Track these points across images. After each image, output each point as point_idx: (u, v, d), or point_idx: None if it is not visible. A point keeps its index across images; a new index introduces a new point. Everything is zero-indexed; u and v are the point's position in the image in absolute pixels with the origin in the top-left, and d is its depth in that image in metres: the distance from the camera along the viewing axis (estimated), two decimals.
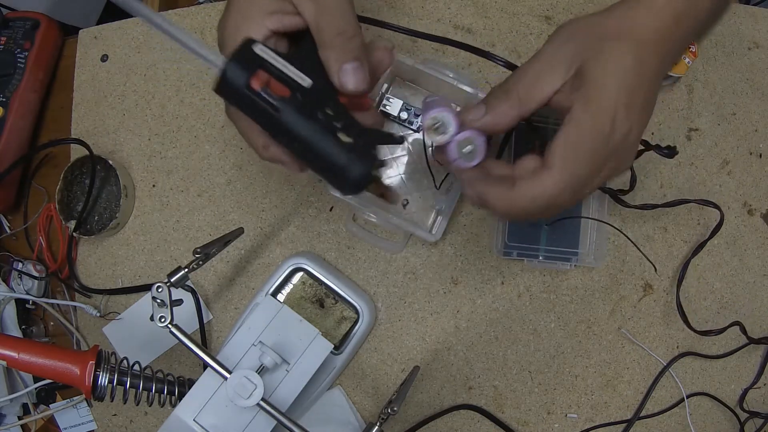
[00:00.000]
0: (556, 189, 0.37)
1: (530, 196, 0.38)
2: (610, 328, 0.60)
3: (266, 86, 0.34)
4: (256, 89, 0.34)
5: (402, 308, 0.60)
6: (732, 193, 0.61)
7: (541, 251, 0.56)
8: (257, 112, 0.35)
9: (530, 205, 0.38)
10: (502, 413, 0.60)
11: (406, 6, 0.63)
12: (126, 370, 0.49)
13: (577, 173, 0.37)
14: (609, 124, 0.37)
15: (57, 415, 0.63)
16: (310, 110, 0.35)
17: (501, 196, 0.39)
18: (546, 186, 0.37)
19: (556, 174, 0.37)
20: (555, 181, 0.37)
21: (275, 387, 0.49)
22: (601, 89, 0.37)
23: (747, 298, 0.61)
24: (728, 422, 0.61)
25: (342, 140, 0.35)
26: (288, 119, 0.35)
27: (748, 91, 0.62)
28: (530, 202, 0.38)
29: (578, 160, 0.37)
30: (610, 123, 0.37)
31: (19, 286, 0.62)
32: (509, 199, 0.38)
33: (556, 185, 0.37)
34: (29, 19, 0.65)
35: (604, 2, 0.62)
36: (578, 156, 0.37)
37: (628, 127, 0.37)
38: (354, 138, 0.36)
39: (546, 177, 0.37)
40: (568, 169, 0.37)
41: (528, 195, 0.38)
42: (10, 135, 0.62)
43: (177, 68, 0.64)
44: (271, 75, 0.35)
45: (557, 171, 0.37)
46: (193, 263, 0.49)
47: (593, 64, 0.37)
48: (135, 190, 0.63)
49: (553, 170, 0.37)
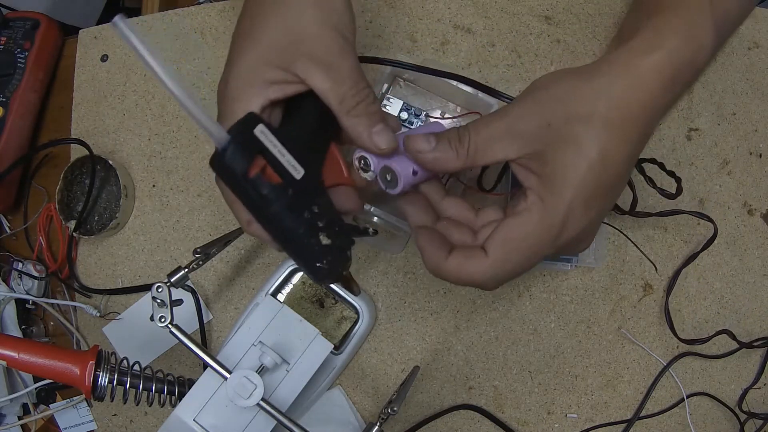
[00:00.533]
0: (482, 277, 0.37)
1: (456, 274, 0.38)
2: (610, 328, 0.60)
3: (261, 172, 0.35)
4: (251, 176, 0.35)
5: (402, 308, 0.60)
6: (732, 193, 0.61)
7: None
8: (248, 198, 0.36)
9: (453, 278, 0.38)
10: (502, 413, 0.60)
11: (406, 6, 0.63)
12: (126, 370, 0.49)
13: (510, 267, 0.37)
14: (559, 226, 0.36)
15: (57, 415, 0.63)
16: (298, 208, 0.36)
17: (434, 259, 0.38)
18: (475, 272, 0.37)
19: (488, 267, 0.37)
20: (484, 271, 0.37)
21: (275, 387, 0.49)
22: (560, 185, 0.35)
23: (747, 298, 0.61)
24: (728, 422, 0.60)
25: (321, 242, 0.37)
26: (277, 214, 0.36)
27: (748, 91, 0.62)
28: (455, 276, 0.38)
29: (517, 258, 0.37)
30: (561, 224, 0.36)
31: (19, 286, 0.62)
32: (438, 265, 0.38)
33: (484, 274, 0.37)
34: (29, 19, 0.65)
35: (604, 2, 0.62)
36: (518, 254, 0.37)
37: (586, 223, 0.36)
38: (333, 239, 0.37)
39: (478, 264, 0.37)
40: (500, 265, 0.37)
41: (454, 271, 0.38)
42: (10, 135, 0.62)
43: (177, 68, 0.64)
44: (268, 161, 0.36)
45: (489, 264, 0.37)
46: (193, 263, 0.49)
47: (554, 154, 0.35)
48: (135, 190, 0.63)
49: (486, 261, 0.37)
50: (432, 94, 0.58)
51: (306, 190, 0.37)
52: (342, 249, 0.38)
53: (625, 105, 0.35)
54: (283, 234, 0.37)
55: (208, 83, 0.64)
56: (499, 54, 0.62)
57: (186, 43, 0.65)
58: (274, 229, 0.37)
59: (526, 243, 0.36)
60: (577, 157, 0.35)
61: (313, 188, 0.38)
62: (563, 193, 0.35)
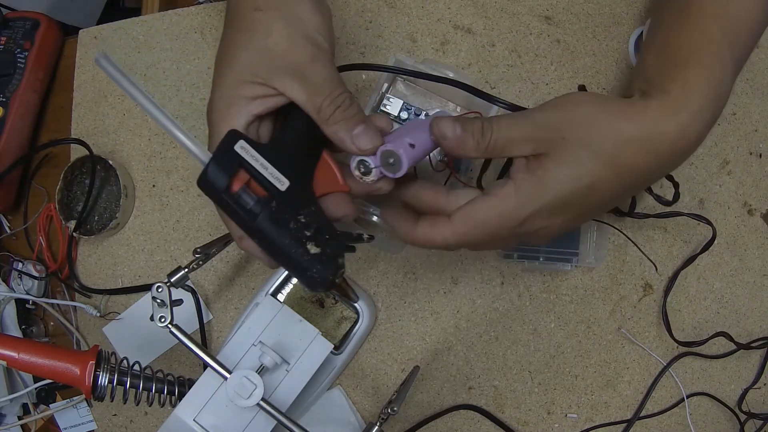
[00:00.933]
0: (443, 242, 0.40)
1: (424, 239, 0.40)
2: (610, 328, 0.60)
3: (246, 186, 0.37)
4: (235, 191, 0.37)
5: (402, 308, 0.60)
6: (732, 193, 0.61)
7: (541, 252, 0.56)
8: (234, 213, 0.37)
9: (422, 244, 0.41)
10: (502, 413, 0.60)
11: (406, 6, 0.63)
12: (126, 370, 0.49)
13: (470, 240, 0.40)
14: (520, 220, 0.38)
15: (57, 415, 0.63)
16: (283, 219, 0.37)
17: (403, 229, 0.41)
18: (437, 237, 0.40)
19: (449, 232, 0.39)
20: (445, 238, 0.40)
21: (275, 387, 0.49)
22: (541, 189, 0.38)
23: (747, 298, 0.61)
24: (728, 422, 0.60)
25: (310, 251, 0.37)
26: (261, 226, 0.37)
27: (748, 91, 0.62)
28: (423, 243, 0.41)
29: (476, 235, 0.39)
30: (523, 220, 0.38)
31: (19, 286, 0.62)
32: (407, 234, 0.41)
33: (446, 241, 0.40)
34: (29, 19, 0.65)
35: (604, 2, 0.62)
36: (478, 233, 0.39)
37: (546, 225, 0.39)
38: (322, 247, 0.38)
39: (441, 231, 0.40)
40: (460, 238, 0.39)
41: (422, 238, 0.41)
42: (10, 135, 0.62)
43: (177, 68, 0.64)
44: (251, 175, 0.37)
45: (451, 233, 0.39)
46: (193, 263, 0.49)
47: (553, 164, 0.37)
48: (135, 190, 0.63)
49: (449, 229, 0.40)
50: (432, 93, 0.58)
51: (292, 201, 0.38)
52: (333, 257, 0.38)
53: (633, 154, 0.37)
54: (271, 246, 0.38)
55: (208, 83, 0.63)
56: (499, 54, 0.62)
57: (186, 43, 0.65)
58: (263, 242, 0.38)
59: (485, 226, 0.39)
60: (569, 176, 0.37)
61: (300, 198, 0.39)
62: (538, 197, 0.38)
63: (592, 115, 0.37)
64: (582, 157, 0.37)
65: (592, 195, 0.38)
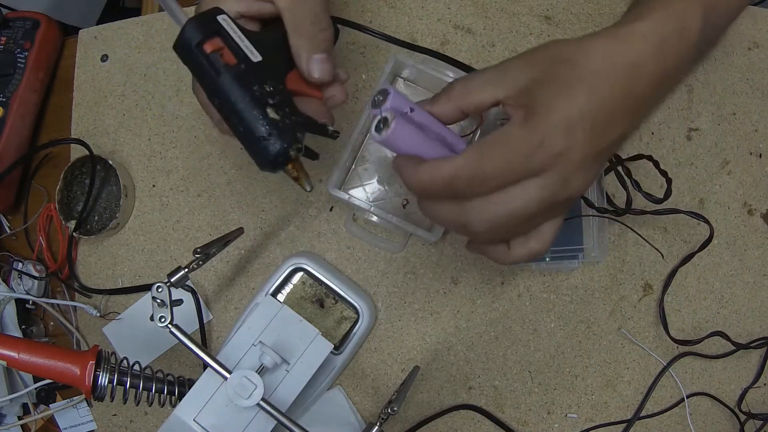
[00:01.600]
0: (454, 170, 0.37)
1: (430, 173, 0.37)
2: (610, 328, 0.60)
3: (217, 52, 0.37)
4: (207, 52, 0.36)
5: (402, 308, 0.60)
6: (732, 193, 0.61)
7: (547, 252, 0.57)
8: (202, 73, 0.37)
9: (429, 183, 0.38)
10: (502, 413, 0.60)
11: (406, 6, 0.63)
12: (126, 370, 0.49)
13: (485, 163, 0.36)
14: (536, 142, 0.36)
15: (57, 415, 0.63)
16: (247, 81, 0.37)
17: (409, 169, 0.38)
18: (446, 164, 0.37)
19: (461, 157, 0.36)
20: (457, 164, 0.36)
21: (275, 387, 0.49)
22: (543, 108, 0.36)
23: (747, 298, 0.61)
24: (728, 422, 0.60)
25: (269, 115, 0.36)
26: (224, 83, 0.36)
27: (748, 91, 0.62)
28: (429, 179, 0.37)
29: (492, 152, 0.36)
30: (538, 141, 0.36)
31: (19, 286, 0.62)
32: (412, 173, 0.38)
33: (457, 167, 0.36)
34: (29, 19, 0.65)
35: (604, 2, 0.62)
36: (493, 149, 0.36)
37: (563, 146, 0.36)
38: (282, 116, 0.37)
39: (451, 157, 0.37)
40: (475, 156, 0.36)
41: (428, 171, 0.37)
42: (10, 135, 0.62)
43: (177, 68, 0.64)
44: (225, 44, 0.37)
45: (463, 155, 0.36)
46: (193, 263, 0.49)
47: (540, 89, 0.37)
48: (135, 190, 0.63)
49: (461, 153, 0.37)
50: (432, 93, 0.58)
51: (261, 73, 0.38)
52: (292, 128, 0.37)
53: (610, 58, 0.37)
54: (229, 108, 0.37)
55: None
56: (499, 54, 0.62)
57: None
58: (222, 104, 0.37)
59: (500, 147, 0.36)
60: (561, 91, 0.36)
61: (270, 74, 0.38)
62: (545, 114, 0.36)
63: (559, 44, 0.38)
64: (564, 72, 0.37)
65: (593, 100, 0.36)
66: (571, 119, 0.36)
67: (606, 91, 0.37)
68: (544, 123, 0.36)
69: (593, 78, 0.36)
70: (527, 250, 0.41)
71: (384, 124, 0.37)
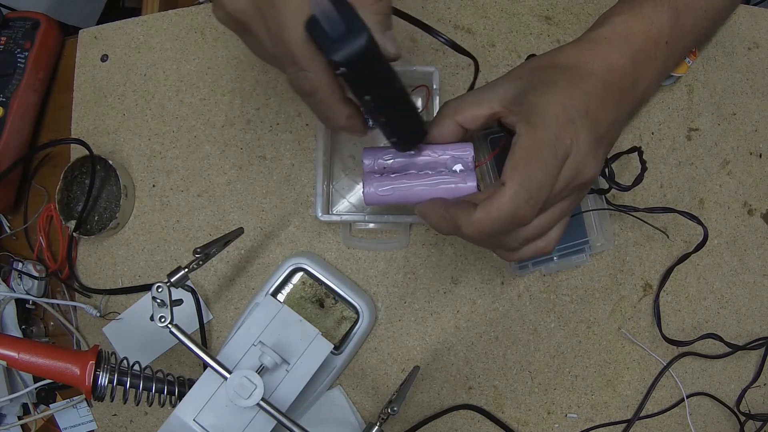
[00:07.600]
0: (513, 202, 0.36)
1: (491, 215, 0.37)
2: (610, 328, 0.60)
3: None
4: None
5: (402, 308, 0.60)
6: (732, 193, 0.61)
7: (554, 253, 0.57)
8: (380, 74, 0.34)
9: (494, 225, 0.37)
10: (502, 413, 0.60)
11: (406, 6, 0.63)
12: (126, 370, 0.49)
13: (531, 180, 0.36)
14: (552, 138, 0.37)
15: (57, 415, 0.63)
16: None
17: (465, 220, 0.38)
18: (502, 201, 0.36)
19: (509, 188, 0.36)
20: (511, 195, 0.36)
21: (275, 387, 0.49)
22: (542, 107, 0.39)
23: (747, 298, 0.61)
24: (728, 422, 0.61)
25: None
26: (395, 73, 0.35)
27: (748, 91, 0.62)
28: (494, 222, 0.37)
29: (529, 168, 0.36)
30: (554, 137, 0.37)
31: (19, 286, 0.62)
32: (471, 224, 0.37)
33: (513, 198, 0.36)
34: (29, 19, 0.65)
35: (604, 2, 0.62)
36: (528, 165, 0.36)
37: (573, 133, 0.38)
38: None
39: (501, 193, 0.36)
40: (519, 180, 0.36)
41: (489, 215, 0.37)
42: (10, 135, 0.62)
43: (177, 68, 0.64)
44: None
45: (510, 185, 0.36)
46: (193, 263, 0.49)
47: (534, 93, 0.40)
48: (135, 190, 0.63)
49: (507, 185, 0.36)
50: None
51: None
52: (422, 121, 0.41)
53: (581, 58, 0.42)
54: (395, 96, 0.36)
55: (208, 83, 0.64)
56: (499, 54, 0.62)
57: (186, 43, 0.65)
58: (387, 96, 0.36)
59: (530, 155, 0.37)
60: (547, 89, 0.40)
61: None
62: (542, 112, 0.38)
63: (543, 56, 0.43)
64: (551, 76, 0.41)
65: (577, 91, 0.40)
66: (566, 107, 0.39)
67: (586, 83, 0.41)
68: (546, 120, 0.38)
69: (570, 73, 0.41)
70: (534, 248, 0.42)
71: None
